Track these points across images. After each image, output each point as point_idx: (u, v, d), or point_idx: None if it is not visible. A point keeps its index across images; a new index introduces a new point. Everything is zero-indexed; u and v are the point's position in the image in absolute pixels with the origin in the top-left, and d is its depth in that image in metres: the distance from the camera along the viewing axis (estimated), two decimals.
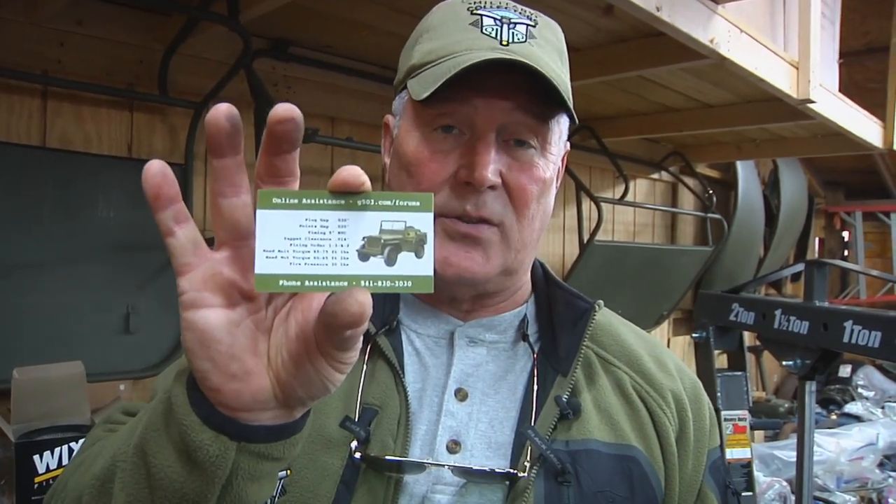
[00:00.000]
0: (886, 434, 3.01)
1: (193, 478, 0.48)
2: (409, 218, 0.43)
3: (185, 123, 1.85)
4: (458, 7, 0.76)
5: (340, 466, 0.69)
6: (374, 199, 0.43)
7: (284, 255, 0.42)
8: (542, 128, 0.73)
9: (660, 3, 1.45)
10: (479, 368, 0.77)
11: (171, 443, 0.49)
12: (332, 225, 0.43)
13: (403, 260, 0.43)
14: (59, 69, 1.64)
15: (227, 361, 0.46)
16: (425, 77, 0.71)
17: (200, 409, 0.47)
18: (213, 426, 0.47)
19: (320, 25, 1.85)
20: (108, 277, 1.73)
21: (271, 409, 0.48)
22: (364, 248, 0.43)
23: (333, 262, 0.42)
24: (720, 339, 2.16)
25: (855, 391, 4.17)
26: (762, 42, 1.89)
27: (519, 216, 0.73)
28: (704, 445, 0.80)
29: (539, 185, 0.74)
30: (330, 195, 0.43)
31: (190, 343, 0.46)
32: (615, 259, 2.94)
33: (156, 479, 0.49)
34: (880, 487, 2.64)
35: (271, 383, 0.47)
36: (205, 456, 0.47)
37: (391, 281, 0.43)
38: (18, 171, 1.59)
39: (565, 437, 0.73)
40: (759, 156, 3.64)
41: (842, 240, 6.14)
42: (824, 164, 5.33)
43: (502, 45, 0.72)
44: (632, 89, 2.50)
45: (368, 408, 0.72)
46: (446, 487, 0.70)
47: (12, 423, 1.29)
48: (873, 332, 1.51)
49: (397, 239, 0.43)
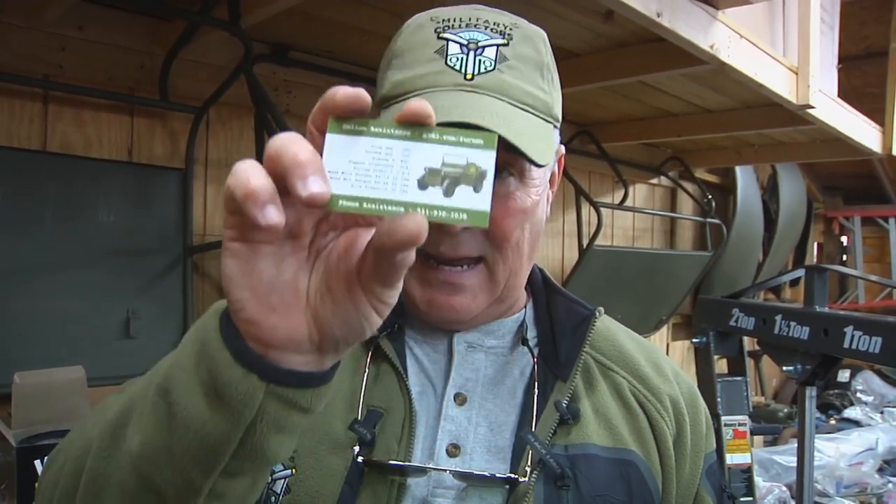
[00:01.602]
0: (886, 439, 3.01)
1: (217, 418, 0.46)
2: (471, 154, 0.43)
3: (185, 128, 1.85)
4: (426, 28, 0.72)
5: (345, 468, 0.69)
6: (439, 134, 0.43)
7: (347, 177, 0.43)
8: (517, 158, 0.68)
9: (660, 9, 1.45)
10: (478, 373, 0.77)
11: (198, 380, 0.47)
12: (396, 153, 0.43)
13: (461, 193, 0.43)
14: (60, 74, 1.65)
15: (268, 292, 0.45)
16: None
17: (232, 344, 0.46)
18: (244, 363, 0.46)
19: (320, 30, 1.85)
20: (108, 282, 1.73)
21: (304, 353, 0.47)
22: (424, 178, 0.43)
23: (393, 188, 0.43)
24: (720, 345, 2.16)
25: (854, 396, 4.16)
26: (762, 47, 1.89)
27: (500, 250, 0.72)
28: (701, 450, 0.80)
29: (518, 216, 0.71)
30: (397, 125, 0.43)
31: (232, 271, 0.45)
32: (614, 264, 2.94)
33: (177, 418, 0.47)
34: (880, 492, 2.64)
35: (308, 323, 0.46)
36: (233, 393, 0.45)
37: (447, 212, 0.43)
38: (19, 175, 1.60)
39: (564, 441, 0.73)
40: (758, 161, 3.65)
41: (840, 244, 6.15)
42: (823, 169, 5.34)
43: (466, 79, 0.69)
44: (631, 94, 2.51)
45: (373, 410, 0.72)
46: (447, 491, 0.70)
47: (13, 428, 1.29)
48: (874, 338, 1.51)
49: (458, 172, 0.43)
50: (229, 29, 1.61)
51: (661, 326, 3.66)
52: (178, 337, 1.86)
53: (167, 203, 1.84)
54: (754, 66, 1.87)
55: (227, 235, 0.45)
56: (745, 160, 3.55)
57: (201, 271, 1.94)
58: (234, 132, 1.98)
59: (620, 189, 3.16)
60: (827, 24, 2.41)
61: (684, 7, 1.54)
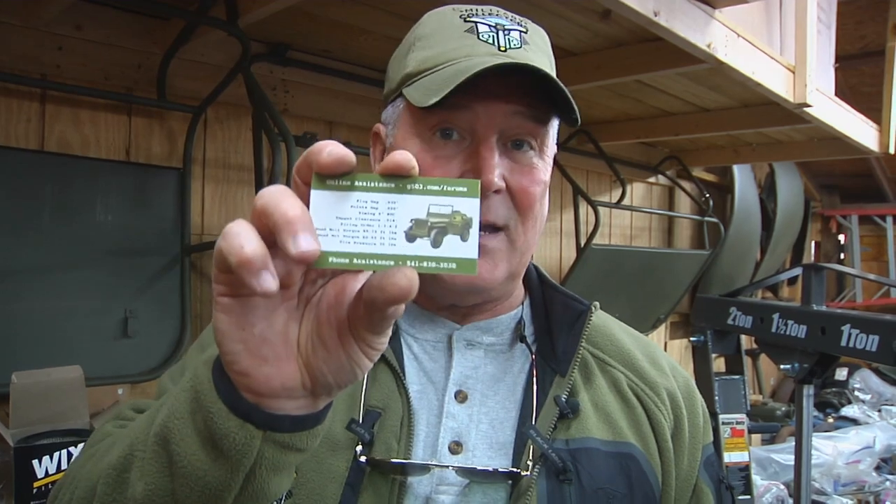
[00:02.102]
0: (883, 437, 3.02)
1: (217, 466, 0.48)
2: (455, 203, 0.44)
3: (183, 127, 1.85)
4: (450, 15, 0.76)
5: (346, 469, 0.69)
6: (423, 184, 0.45)
7: (335, 234, 0.44)
8: (541, 130, 0.74)
9: (657, 8, 1.45)
10: (478, 370, 0.78)
11: (195, 430, 0.49)
12: (382, 207, 0.44)
13: (449, 242, 0.44)
14: (57, 73, 1.64)
15: (259, 344, 0.46)
16: (426, 84, 0.72)
17: (227, 396, 0.48)
18: (240, 414, 0.47)
19: (318, 30, 1.85)
20: (106, 282, 1.73)
21: (297, 398, 0.48)
22: (411, 230, 0.44)
23: (381, 241, 0.44)
24: (718, 343, 2.17)
25: (852, 394, 4.17)
26: (759, 46, 1.90)
27: (523, 219, 0.74)
28: (699, 441, 0.81)
29: (540, 186, 0.75)
30: (381, 178, 0.45)
31: (223, 325, 0.46)
32: (612, 263, 2.94)
33: (178, 466, 0.49)
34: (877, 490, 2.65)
35: (300, 370, 0.48)
36: (231, 444, 0.47)
37: (436, 262, 0.44)
38: (17, 175, 1.59)
39: (565, 436, 0.74)
40: (755, 159, 3.65)
41: (838, 243, 6.16)
42: (820, 168, 5.34)
43: (500, 50, 0.73)
44: (629, 93, 2.51)
45: (371, 410, 0.73)
46: (450, 488, 0.71)
47: (11, 428, 1.29)
48: (871, 336, 1.51)
49: (444, 222, 0.44)
50: (227, 28, 1.61)
51: (659, 325, 3.66)
52: (177, 336, 1.87)
53: (165, 202, 1.84)
54: (751, 65, 1.87)
55: (218, 291, 0.46)
56: (743, 159, 3.55)
57: (199, 270, 1.94)
58: (232, 132, 1.98)
59: (618, 188, 3.16)
60: (824, 24, 2.42)
61: (682, 6, 1.54)
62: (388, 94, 0.81)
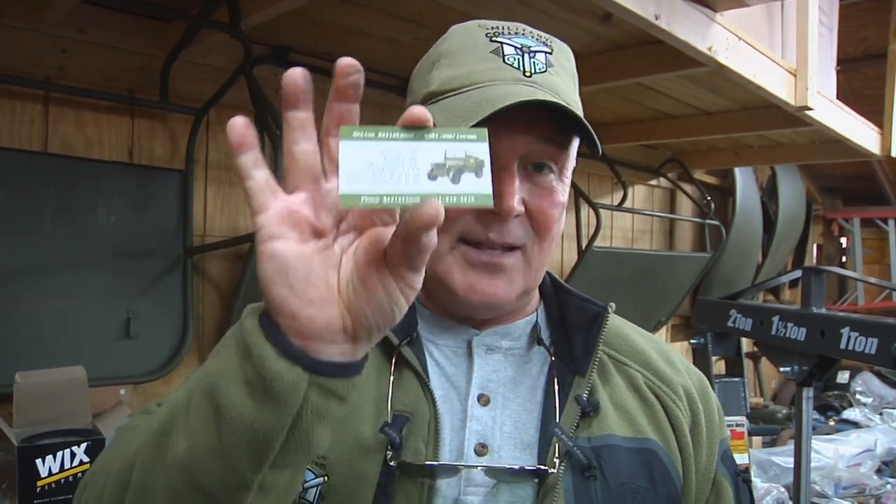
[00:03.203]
0: (884, 440, 3.01)
1: (266, 411, 0.49)
2: (468, 147, 0.49)
3: (185, 129, 1.86)
4: (476, 33, 0.77)
5: (377, 472, 0.71)
6: (438, 134, 0.49)
7: (364, 178, 0.47)
8: (562, 155, 0.76)
9: (658, 12, 1.46)
10: (498, 374, 0.79)
11: (243, 378, 0.50)
12: (405, 153, 0.48)
13: (466, 179, 0.48)
14: (60, 75, 1.65)
15: (305, 287, 0.49)
16: (451, 108, 0.73)
17: (276, 340, 0.49)
18: (289, 356, 0.49)
19: (320, 33, 1.86)
20: (108, 283, 1.74)
21: (339, 343, 0.51)
22: (432, 172, 0.48)
23: (407, 182, 0.48)
24: (718, 346, 2.17)
25: (853, 397, 4.16)
26: (760, 49, 1.90)
27: (540, 240, 0.76)
28: (716, 436, 0.83)
29: (559, 209, 0.77)
30: (401, 130, 0.49)
31: (269, 272, 0.49)
32: (613, 265, 2.94)
33: (226, 418, 0.50)
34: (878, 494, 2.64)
35: (342, 313, 0.51)
36: (280, 385, 0.49)
37: (456, 197, 0.48)
38: (20, 176, 1.60)
39: (587, 433, 0.76)
40: (757, 162, 3.65)
41: (840, 246, 6.15)
42: (822, 171, 5.34)
43: (525, 76, 0.74)
44: (630, 96, 2.51)
45: (399, 414, 0.74)
46: (477, 489, 0.72)
47: (14, 427, 1.30)
48: (870, 339, 1.52)
49: (460, 163, 0.49)
50: (229, 31, 1.61)
51: (660, 328, 3.66)
52: (179, 337, 1.88)
53: (167, 204, 1.84)
54: (752, 68, 1.87)
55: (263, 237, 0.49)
56: (745, 162, 3.55)
57: (201, 272, 1.95)
58: None
59: (619, 190, 3.16)
60: (825, 26, 2.42)
61: (682, 9, 1.55)
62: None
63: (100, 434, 1.35)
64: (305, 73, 0.50)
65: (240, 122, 0.50)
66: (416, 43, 1.87)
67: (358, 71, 0.50)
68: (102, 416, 1.53)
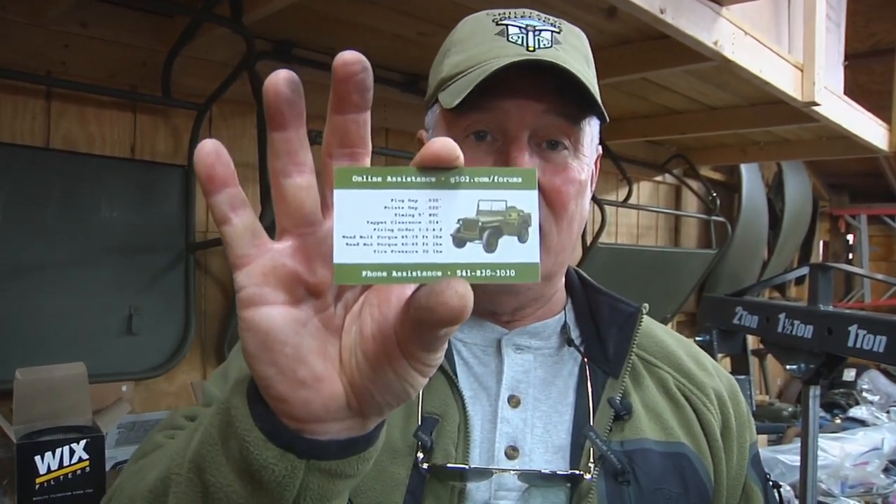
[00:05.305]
0: (892, 439, 2.99)
1: (257, 499, 0.43)
2: (510, 196, 0.37)
3: (187, 125, 1.85)
4: (484, 20, 0.77)
5: (406, 476, 0.69)
6: (469, 176, 0.37)
7: (368, 242, 0.37)
8: (574, 129, 0.74)
9: (664, 6, 1.44)
10: (528, 375, 0.78)
11: (230, 460, 0.43)
12: (423, 206, 0.37)
13: (505, 245, 0.37)
14: (63, 71, 1.65)
15: (295, 366, 0.40)
16: (456, 87, 0.73)
17: (264, 423, 0.42)
18: (279, 443, 0.42)
19: (323, 27, 1.85)
20: (110, 279, 1.73)
21: (343, 420, 0.43)
22: (460, 233, 0.37)
23: (425, 248, 0.37)
24: (724, 343, 2.16)
25: (860, 395, 4.14)
26: (767, 44, 1.88)
27: (557, 219, 0.74)
28: (746, 440, 0.82)
29: (575, 185, 0.74)
30: (418, 171, 0.37)
31: (251, 346, 0.40)
32: (618, 262, 2.93)
33: (214, 497, 0.44)
34: (885, 493, 2.62)
35: (344, 390, 0.42)
36: (270, 476, 0.42)
37: (492, 269, 0.37)
38: (22, 171, 1.60)
39: (619, 437, 0.74)
40: (763, 158, 3.63)
41: (846, 243, 6.12)
42: (829, 167, 5.31)
43: (529, 51, 0.73)
44: (635, 91, 2.50)
45: (429, 417, 0.73)
46: (509, 493, 0.71)
47: (14, 424, 1.29)
48: (878, 337, 1.50)
49: (497, 221, 0.37)
50: (232, 26, 1.61)
51: (665, 324, 3.64)
52: (181, 334, 1.87)
53: (169, 200, 1.84)
54: (759, 63, 1.85)
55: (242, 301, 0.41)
56: (751, 158, 3.53)
57: (203, 268, 1.94)
58: (237, 129, 1.98)
59: (625, 187, 3.15)
60: (833, 21, 2.40)
61: (688, 4, 1.53)
62: (427, 100, 0.82)
63: (100, 431, 1.34)
64: (291, 77, 0.39)
65: (206, 149, 0.40)
66: (421, 38, 1.86)
67: (365, 69, 0.38)
68: (103, 412, 1.53)
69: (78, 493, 1.27)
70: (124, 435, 1.65)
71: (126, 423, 1.66)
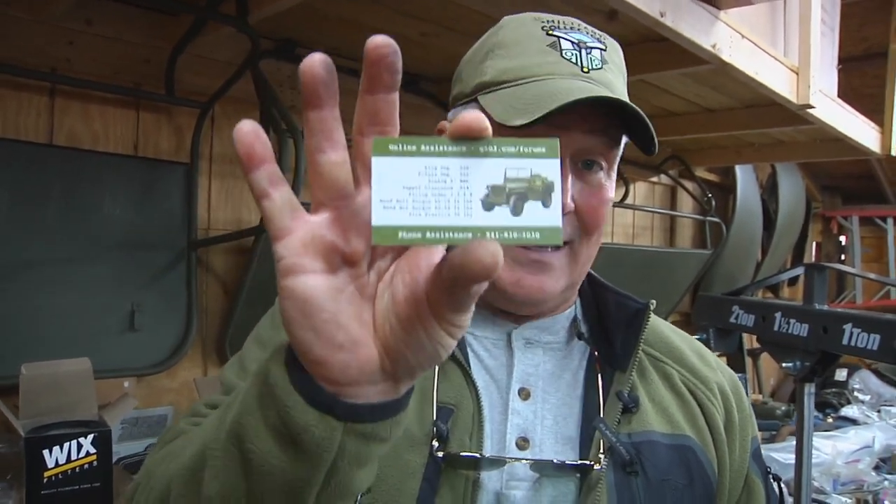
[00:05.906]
0: (882, 437, 3.02)
1: (297, 463, 0.45)
2: (534, 165, 0.40)
3: (191, 123, 1.86)
4: (531, 26, 0.77)
5: (422, 464, 0.70)
6: (497, 146, 0.40)
7: (403, 206, 0.39)
8: (613, 151, 0.77)
9: (664, 9, 1.46)
10: (538, 368, 0.80)
11: (269, 427, 0.45)
12: (454, 173, 0.40)
13: (530, 209, 0.40)
14: (67, 67, 1.65)
15: (333, 330, 0.42)
16: (508, 99, 0.72)
17: (303, 387, 0.44)
18: (319, 406, 0.43)
19: (327, 27, 1.86)
20: (113, 275, 1.74)
21: (377, 384, 0.44)
22: (488, 198, 0.40)
23: (456, 212, 0.39)
24: (720, 342, 2.18)
25: (851, 395, 4.18)
26: (763, 48, 1.91)
27: (587, 235, 0.76)
28: (748, 434, 0.85)
29: (607, 206, 0.77)
30: (450, 141, 0.40)
31: (291, 312, 0.42)
32: (614, 261, 2.95)
33: (253, 465, 0.46)
34: (876, 490, 2.65)
35: (379, 354, 0.44)
36: (310, 439, 0.44)
37: (518, 232, 0.40)
38: (26, 168, 1.61)
39: (627, 429, 0.76)
40: (758, 160, 3.65)
41: (839, 244, 6.16)
42: (822, 169, 5.35)
43: (583, 71, 0.74)
44: (633, 93, 2.46)
45: (444, 406, 0.74)
46: (520, 483, 0.73)
47: (21, 419, 1.30)
48: (872, 335, 1.53)
49: (523, 187, 0.40)
50: (236, 24, 1.61)
51: None
52: (183, 330, 1.88)
53: (172, 197, 1.85)
54: (755, 65, 1.88)
55: (282, 270, 0.42)
56: (746, 159, 3.55)
57: (205, 265, 1.95)
58: None
59: (621, 187, 3.17)
60: (827, 25, 2.43)
61: (687, 7, 1.55)
62: (458, 97, 0.81)
63: (106, 426, 1.36)
64: (326, 60, 0.41)
65: (246, 128, 0.42)
66: (424, 39, 1.87)
67: (395, 51, 0.40)
68: (108, 407, 1.54)
69: (85, 487, 1.28)
70: (128, 430, 1.67)
71: (129, 419, 1.67)
